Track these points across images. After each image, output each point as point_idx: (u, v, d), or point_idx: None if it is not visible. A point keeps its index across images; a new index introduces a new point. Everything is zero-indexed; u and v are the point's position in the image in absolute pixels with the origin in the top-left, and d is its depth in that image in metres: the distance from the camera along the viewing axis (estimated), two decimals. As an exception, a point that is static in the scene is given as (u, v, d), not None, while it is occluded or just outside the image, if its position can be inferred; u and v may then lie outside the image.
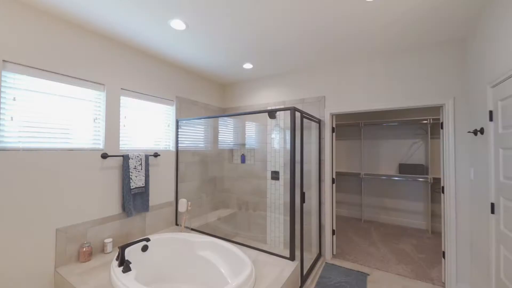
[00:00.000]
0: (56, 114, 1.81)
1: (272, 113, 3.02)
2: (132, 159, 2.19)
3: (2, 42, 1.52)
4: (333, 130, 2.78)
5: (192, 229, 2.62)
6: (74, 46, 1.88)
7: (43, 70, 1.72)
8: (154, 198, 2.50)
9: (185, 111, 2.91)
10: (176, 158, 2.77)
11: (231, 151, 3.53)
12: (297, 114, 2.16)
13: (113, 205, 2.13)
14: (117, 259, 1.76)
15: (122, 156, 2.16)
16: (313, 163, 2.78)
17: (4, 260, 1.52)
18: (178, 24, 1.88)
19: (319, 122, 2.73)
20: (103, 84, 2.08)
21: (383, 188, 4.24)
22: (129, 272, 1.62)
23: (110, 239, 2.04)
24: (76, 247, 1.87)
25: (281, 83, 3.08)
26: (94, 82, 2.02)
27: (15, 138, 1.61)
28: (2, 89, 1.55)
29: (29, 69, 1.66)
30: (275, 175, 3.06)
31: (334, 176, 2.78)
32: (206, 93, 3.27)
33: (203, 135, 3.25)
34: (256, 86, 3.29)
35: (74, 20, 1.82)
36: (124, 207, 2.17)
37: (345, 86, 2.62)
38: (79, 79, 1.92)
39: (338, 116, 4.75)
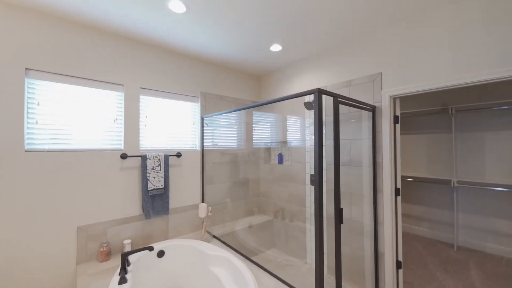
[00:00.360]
0: (78, 116, 1.88)
1: (309, 104, 2.43)
2: (149, 159, 2.12)
3: (24, 51, 1.64)
4: (396, 119, 1.96)
5: (214, 236, 2.38)
6: (90, 48, 1.91)
7: (62, 74, 1.80)
8: (177, 201, 2.39)
9: (211, 107, 2.70)
10: (201, 158, 2.60)
11: (268, 150, 3.12)
12: (328, 99, 1.56)
13: (134, 206, 2.12)
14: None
15: (141, 156, 2.12)
16: (365, 167, 2.05)
17: (30, 254, 1.65)
18: (176, 6, 1.63)
19: (372, 110, 1.97)
20: (122, 85, 2.08)
21: (493, 203, 2.88)
22: (123, 285, 1.49)
23: (129, 240, 2.01)
24: (96, 246, 1.91)
25: (319, 65, 2.44)
26: (113, 83, 2.03)
27: (40, 140, 1.73)
28: (27, 95, 1.68)
29: (50, 74, 1.76)
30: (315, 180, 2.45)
31: (399, 186, 1.97)
32: (236, 87, 2.98)
33: (234, 132, 2.97)
34: (292, 72, 2.76)
35: (86, 21, 1.85)
36: (143, 209, 2.13)
37: (414, 53, 1.78)
38: (98, 81, 1.96)
39: (406, 100, 3.58)
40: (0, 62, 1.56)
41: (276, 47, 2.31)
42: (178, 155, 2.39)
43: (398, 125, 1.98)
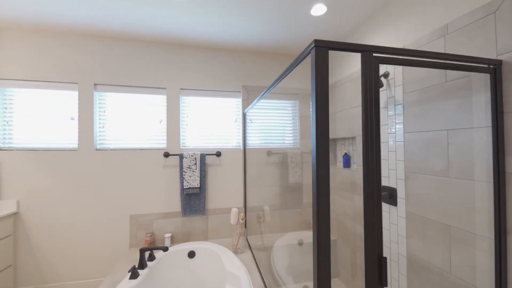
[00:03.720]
0: (132, 119, 2.18)
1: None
2: (186, 158, 2.14)
3: (94, 69, 2.07)
4: None
5: (249, 247, 2.08)
6: (136, 59, 2.16)
7: (119, 85, 2.13)
8: (216, 201, 2.30)
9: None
10: (243, 157, 2.38)
11: (333, 148, 2.44)
12: (360, 60, 0.91)
13: (175, 202, 2.21)
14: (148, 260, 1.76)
15: (179, 155, 2.18)
16: (480, 182, 1.08)
17: (95, 234, 2.05)
18: (180, -8, 1.51)
19: (493, 70, 1.00)
20: (164, 88, 2.23)
21: None
22: (132, 280, 1.53)
23: (169, 234, 2.12)
24: (143, 234, 2.13)
25: (389, 20, 1.58)
26: (157, 87, 2.21)
27: (106, 141, 2.13)
28: (97, 106, 2.11)
29: (111, 86, 2.12)
30: (388, 195, 1.63)
31: None
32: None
33: (288, 128, 2.54)
34: (354, 41, 1.98)
35: (127, 35, 2.09)
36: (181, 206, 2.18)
37: None
38: (145, 87, 2.19)
39: None
40: (78, 81, 2.04)
41: (319, 9, 1.71)
42: (218, 154, 2.29)
43: None
